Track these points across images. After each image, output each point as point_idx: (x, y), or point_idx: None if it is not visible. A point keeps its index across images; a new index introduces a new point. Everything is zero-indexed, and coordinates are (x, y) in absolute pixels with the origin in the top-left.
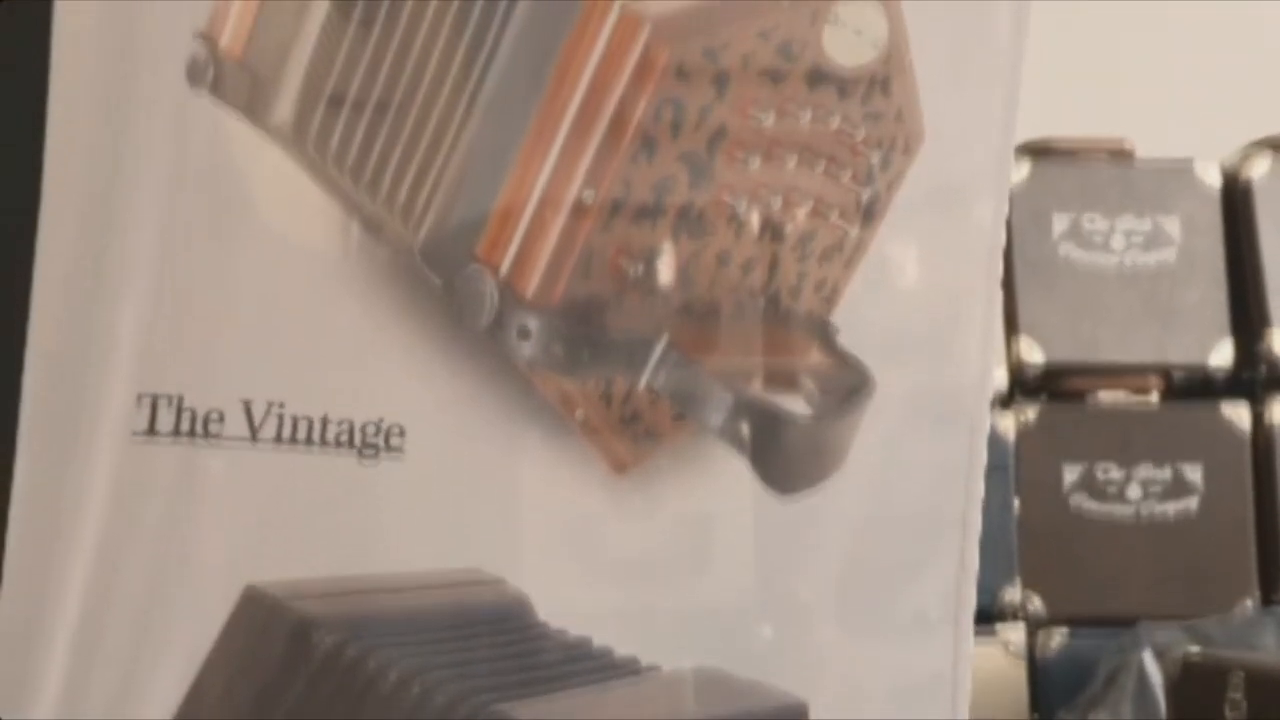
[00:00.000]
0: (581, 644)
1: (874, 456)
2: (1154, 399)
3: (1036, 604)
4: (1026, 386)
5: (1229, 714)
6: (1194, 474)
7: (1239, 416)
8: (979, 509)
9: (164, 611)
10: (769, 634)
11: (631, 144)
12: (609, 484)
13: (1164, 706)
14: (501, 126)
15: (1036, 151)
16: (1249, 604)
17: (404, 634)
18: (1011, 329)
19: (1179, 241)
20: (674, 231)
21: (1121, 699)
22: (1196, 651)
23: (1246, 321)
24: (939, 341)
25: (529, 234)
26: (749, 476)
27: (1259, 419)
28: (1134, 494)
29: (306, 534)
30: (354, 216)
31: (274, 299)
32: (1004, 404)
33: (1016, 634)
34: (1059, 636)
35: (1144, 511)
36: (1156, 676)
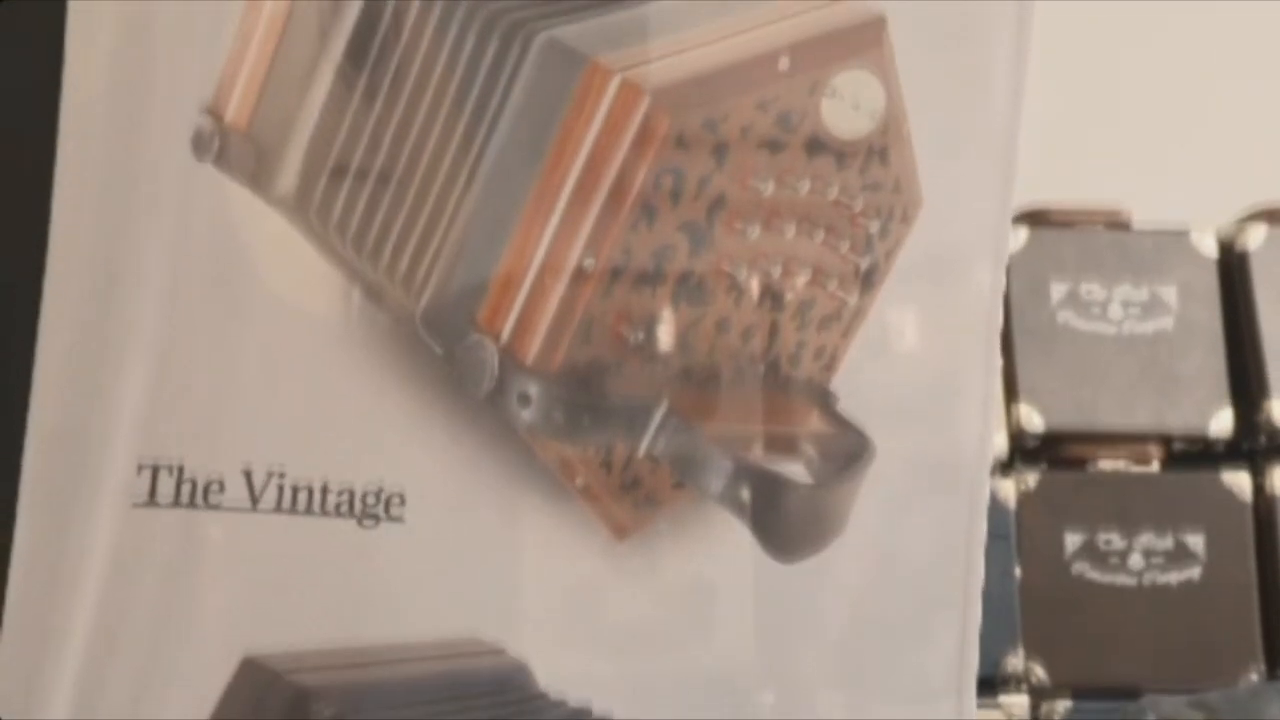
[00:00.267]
0: (581, 711)
1: (874, 523)
2: (1154, 466)
3: (1040, 673)
4: (1027, 453)
5: None
6: (1196, 543)
7: (1240, 485)
8: (980, 575)
9: (163, 678)
10: (771, 701)
11: (632, 212)
12: (609, 550)
13: None
14: (502, 196)
15: (1034, 219)
16: (1254, 676)
17: (403, 704)
18: (1011, 395)
19: (1176, 310)
20: (674, 298)
21: None
22: None
23: (1245, 390)
24: (939, 407)
25: (529, 301)
26: (750, 542)
27: (1260, 489)
28: (1136, 563)
29: (306, 599)
30: (355, 284)
31: (276, 366)
32: (1004, 470)
33: (1020, 703)
34: (1062, 706)
35: (1147, 581)
36: None
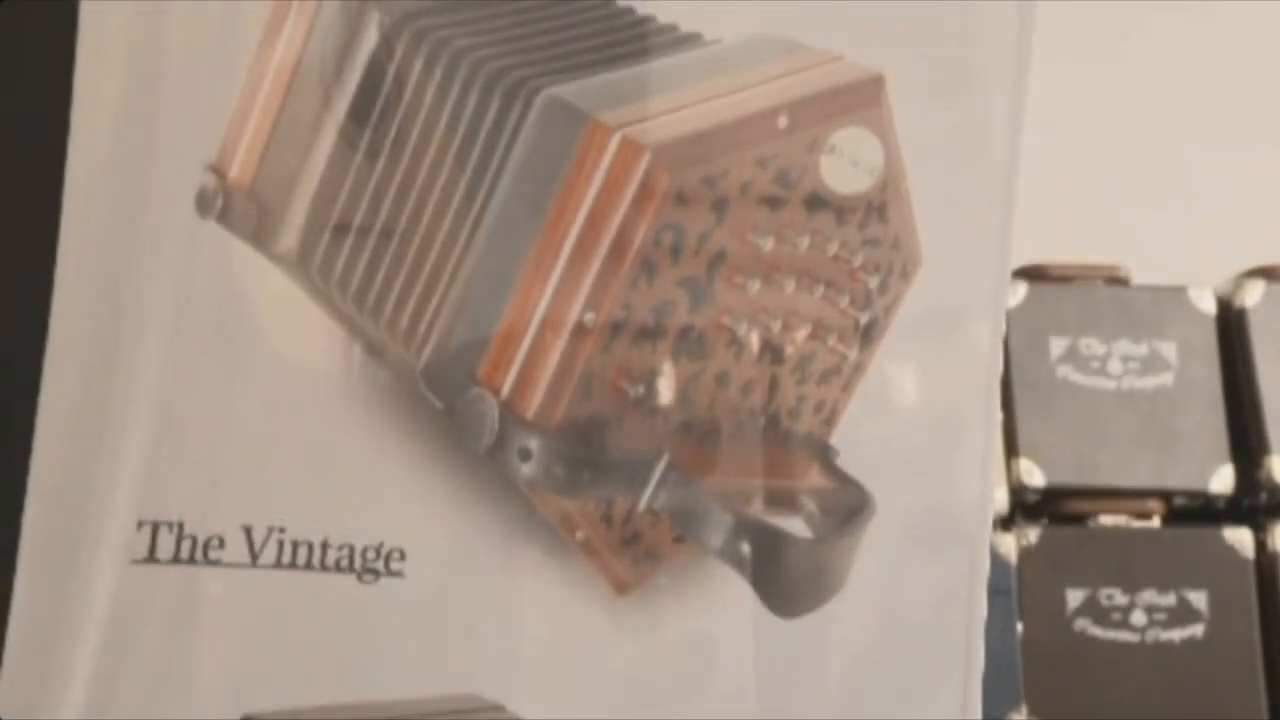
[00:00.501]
0: None
1: (875, 578)
2: (1155, 523)
3: None
4: (1027, 508)
5: None
6: (1199, 600)
7: (1242, 542)
8: (982, 631)
9: None
10: None
11: (632, 268)
12: (610, 605)
13: None
14: (504, 252)
15: (1033, 275)
16: None
17: None
18: (1011, 451)
19: (1176, 366)
20: (674, 353)
21: None
22: None
23: (1246, 447)
24: (939, 462)
25: (530, 356)
26: (750, 598)
27: (1262, 545)
28: (1139, 619)
29: (306, 655)
30: (357, 341)
31: (277, 423)
32: (1005, 525)
33: None
34: None
35: (1150, 638)
36: None
